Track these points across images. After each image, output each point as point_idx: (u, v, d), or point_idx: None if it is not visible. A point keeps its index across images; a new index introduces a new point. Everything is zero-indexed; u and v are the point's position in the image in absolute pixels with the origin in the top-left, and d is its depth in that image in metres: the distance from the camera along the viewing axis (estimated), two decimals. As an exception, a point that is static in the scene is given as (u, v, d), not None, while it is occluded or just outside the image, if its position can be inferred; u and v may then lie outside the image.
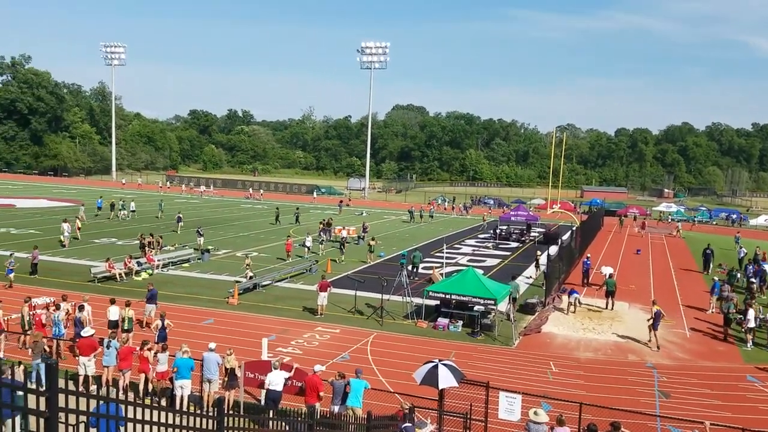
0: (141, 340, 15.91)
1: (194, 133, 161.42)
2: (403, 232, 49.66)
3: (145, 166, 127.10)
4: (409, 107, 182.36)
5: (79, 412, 3.70)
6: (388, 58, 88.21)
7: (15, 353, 17.07)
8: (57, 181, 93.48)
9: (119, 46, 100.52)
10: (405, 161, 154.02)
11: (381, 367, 18.00)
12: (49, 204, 57.62)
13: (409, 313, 23.53)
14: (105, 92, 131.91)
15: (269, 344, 17.72)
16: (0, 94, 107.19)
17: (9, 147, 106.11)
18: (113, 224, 45.74)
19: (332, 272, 31.06)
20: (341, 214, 60.13)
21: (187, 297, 25.09)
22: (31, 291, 22.81)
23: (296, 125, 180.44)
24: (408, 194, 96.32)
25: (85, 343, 15.07)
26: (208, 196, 78.89)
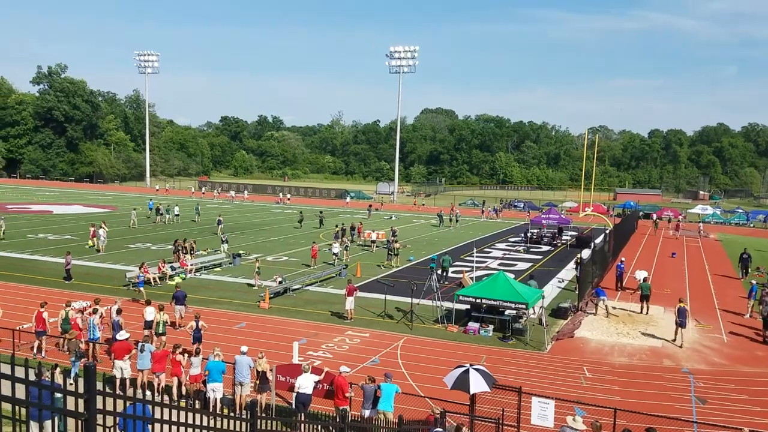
0: (173, 343, 16.15)
1: (225, 139, 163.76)
2: (432, 236, 49.52)
3: (177, 173, 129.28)
4: (438, 111, 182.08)
5: (115, 414, 3.76)
6: (416, 61, 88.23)
7: (53, 356, 17.47)
8: (92, 187, 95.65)
9: (152, 55, 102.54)
10: (434, 165, 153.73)
11: (411, 371, 17.94)
12: (84, 210, 58.98)
13: (439, 318, 23.43)
14: (139, 100, 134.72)
15: (300, 348, 17.82)
16: (37, 102, 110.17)
17: (46, 154, 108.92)
18: (157, 227, 46.61)
19: (361, 276, 31.13)
20: (370, 218, 60.24)
21: (219, 301, 25.40)
22: (67, 295, 23.32)
23: (325, 130, 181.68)
24: (437, 198, 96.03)
25: (120, 347, 15.36)
26: (240, 201, 79.83)
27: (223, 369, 14.59)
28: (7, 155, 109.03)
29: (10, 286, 25.99)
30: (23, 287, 26.16)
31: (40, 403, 3.18)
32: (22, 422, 3.47)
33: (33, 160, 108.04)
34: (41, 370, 4.89)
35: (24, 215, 52.25)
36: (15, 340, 17.75)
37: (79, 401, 3.40)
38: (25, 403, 3.22)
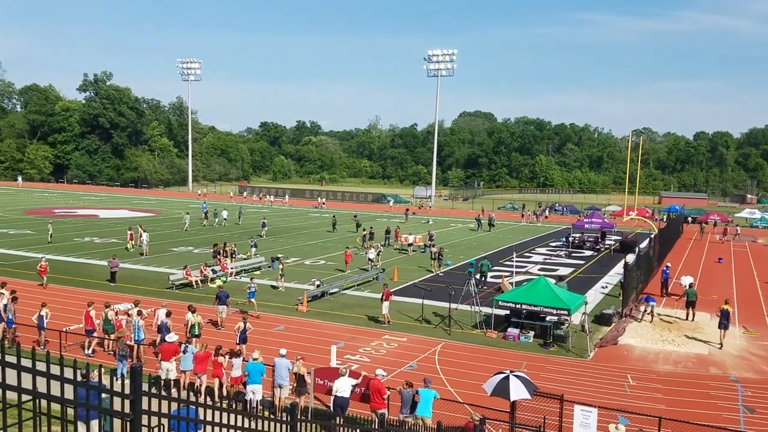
0: (216, 344, 16.39)
1: (265, 144, 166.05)
2: (470, 240, 49.16)
3: (218, 177, 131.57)
4: (476, 114, 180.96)
5: (161, 415, 3.81)
6: (455, 65, 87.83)
7: (99, 356, 17.92)
8: (137, 192, 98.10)
9: (195, 62, 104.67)
10: (472, 168, 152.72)
11: (449, 377, 17.80)
12: (129, 214, 60.47)
13: (477, 323, 23.21)
14: (182, 107, 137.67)
15: (338, 351, 17.88)
16: (84, 109, 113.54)
17: (92, 160, 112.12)
18: (207, 230, 47.49)
19: (398, 280, 31.07)
20: (407, 222, 60.17)
21: (258, 304, 25.65)
22: (112, 297, 23.90)
23: (363, 134, 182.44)
24: (475, 202, 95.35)
25: (168, 348, 15.67)
26: (278, 205, 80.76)
27: (263, 371, 14.73)
28: (55, 161, 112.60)
29: (58, 289, 26.80)
30: (71, 290, 26.94)
31: (88, 404, 3.24)
32: (69, 422, 3.53)
33: (80, 166, 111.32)
34: (88, 371, 5.01)
35: (71, 219, 53.89)
36: (62, 341, 18.29)
37: (125, 401, 3.45)
38: (73, 403, 3.28)
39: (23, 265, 32.04)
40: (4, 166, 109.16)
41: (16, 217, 53.41)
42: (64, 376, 3.17)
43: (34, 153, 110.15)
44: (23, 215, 55.49)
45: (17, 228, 46.10)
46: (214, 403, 12.53)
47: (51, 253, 35.65)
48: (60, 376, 3.15)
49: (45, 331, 18.54)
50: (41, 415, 3.40)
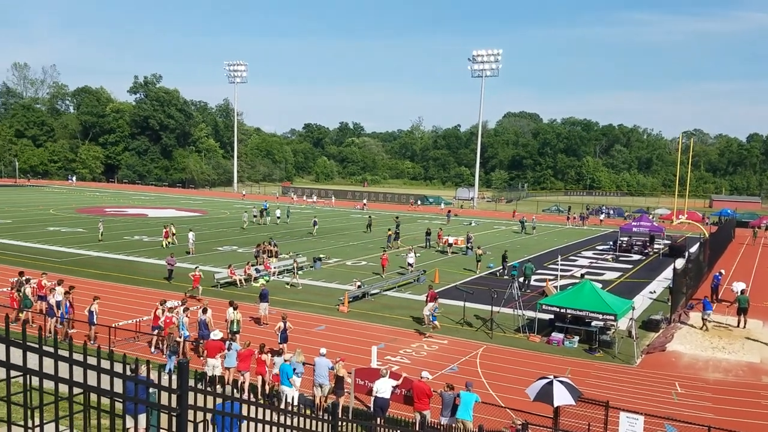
0: (259, 342, 16.61)
1: (308, 145, 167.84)
2: (514, 243, 48.58)
3: (262, 178, 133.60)
4: (521, 114, 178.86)
5: (206, 410, 3.85)
6: (500, 65, 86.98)
7: (146, 352, 18.38)
8: (184, 192, 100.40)
9: (241, 65, 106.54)
10: (516, 170, 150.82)
11: (491, 380, 17.60)
12: (176, 214, 61.90)
13: (520, 327, 22.89)
14: (228, 109, 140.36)
15: (378, 352, 17.89)
16: (134, 111, 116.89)
17: (142, 160, 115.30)
18: (253, 230, 48.37)
19: (439, 282, 30.92)
20: (449, 223, 59.85)
21: (300, 303, 25.93)
22: (160, 295, 24.47)
23: (405, 136, 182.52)
24: (519, 204, 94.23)
25: (213, 345, 15.97)
26: (321, 206, 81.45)
27: (290, 372, 14.80)
28: (106, 161, 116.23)
29: (108, 285, 27.61)
30: (120, 287, 27.73)
31: (136, 398, 3.30)
32: (117, 416, 3.60)
33: (129, 166, 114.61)
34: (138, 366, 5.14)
35: (121, 218, 55.50)
36: (111, 336, 18.84)
37: (172, 397, 3.51)
38: (122, 397, 3.35)
39: (75, 262, 33.14)
40: (58, 165, 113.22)
41: (69, 216, 55.32)
42: (115, 371, 3.24)
43: (86, 153, 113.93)
44: (75, 213, 57.44)
45: (69, 226, 47.74)
46: (257, 400, 12.67)
47: (101, 251, 36.78)
48: (110, 371, 3.22)
49: (95, 326, 19.12)
50: (91, 408, 3.48)
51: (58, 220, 51.67)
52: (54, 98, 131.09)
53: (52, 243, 38.87)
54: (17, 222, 48.66)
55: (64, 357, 3.09)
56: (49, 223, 49.18)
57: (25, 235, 41.46)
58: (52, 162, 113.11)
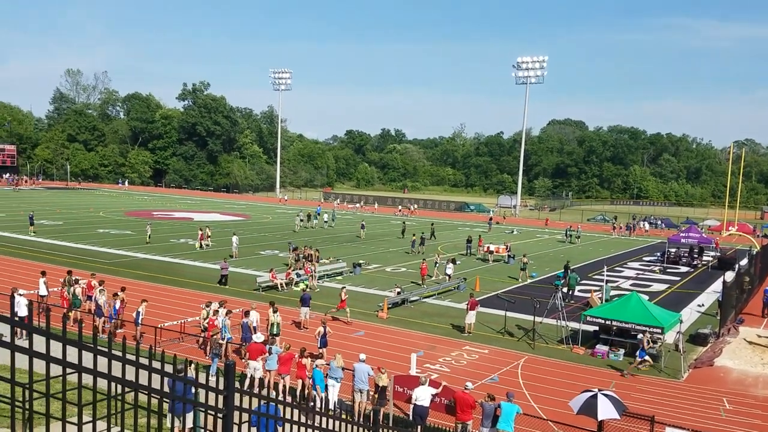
0: (299, 347, 16.72)
1: (349, 152, 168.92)
2: (557, 252, 47.78)
3: (304, 184, 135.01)
4: (566, 122, 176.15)
5: (250, 412, 3.88)
6: (545, 72, 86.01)
7: (190, 353, 18.70)
8: (228, 197, 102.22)
9: (286, 72, 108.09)
10: (560, 178, 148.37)
11: (533, 392, 17.30)
12: (221, 218, 63.08)
13: (564, 338, 22.46)
14: (272, 115, 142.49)
15: (417, 360, 17.79)
16: (183, 117, 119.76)
17: (188, 166, 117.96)
18: (302, 234, 48.98)
19: (480, 291, 30.61)
20: (491, 231, 59.29)
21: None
22: (205, 297, 24.90)
23: (447, 142, 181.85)
24: (563, 212, 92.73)
25: (255, 348, 16.16)
26: (362, 212, 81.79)
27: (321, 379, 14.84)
28: (154, 165, 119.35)
29: (154, 287, 28.25)
30: (166, 288, 28.35)
31: (185, 398, 3.34)
32: (163, 415, 3.65)
33: (177, 171, 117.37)
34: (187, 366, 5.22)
35: (168, 221, 56.80)
36: (157, 336, 19.25)
37: (217, 397, 3.54)
38: (172, 396, 3.39)
39: (122, 263, 34.05)
40: (108, 170, 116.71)
41: (118, 218, 56.94)
42: (163, 370, 3.29)
43: (135, 158, 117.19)
44: (124, 216, 59.08)
45: (119, 228, 49.12)
46: (296, 403, 12.76)
47: (149, 253, 37.70)
48: (161, 370, 3.26)
49: (140, 326, 19.57)
50: (139, 407, 3.53)
51: (108, 222, 53.23)
52: (105, 104, 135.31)
53: (101, 245, 40.04)
54: (69, 224, 50.33)
55: (117, 356, 3.15)
56: (99, 225, 50.71)
57: (76, 237, 42.83)
58: (103, 166, 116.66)
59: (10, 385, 3.06)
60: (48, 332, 3.04)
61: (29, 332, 3.03)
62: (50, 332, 3.05)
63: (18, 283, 25.82)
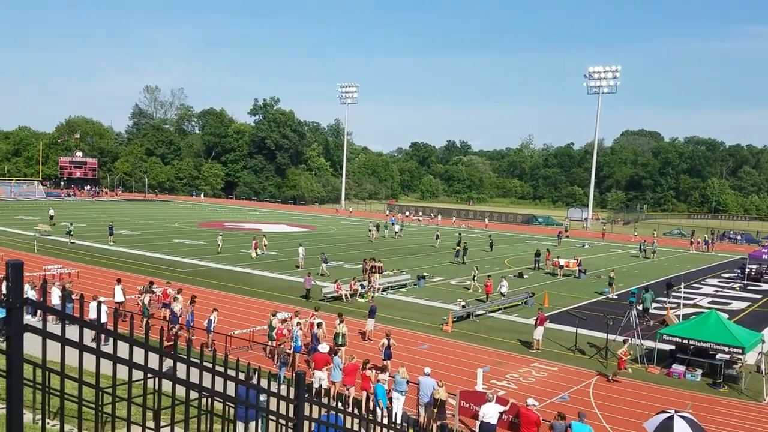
0: (363, 358, 16.75)
1: (414, 164, 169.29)
2: (631, 267, 46.09)
3: (368, 196, 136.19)
4: (640, 133, 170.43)
5: (319, 422, 3.89)
6: (618, 82, 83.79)
7: (259, 361, 19.08)
8: (295, 209, 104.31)
9: (353, 86, 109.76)
10: (634, 190, 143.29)
11: (605, 412, 16.66)
12: (288, 229, 64.37)
13: (638, 357, 21.57)
14: (339, 128, 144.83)
15: (483, 375, 17.49)
16: (253, 131, 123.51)
17: (258, 178, 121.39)
18: (366, 246, 49.51)
19: (549, 306, 29.85)
20: (560, 245, 57.86)
21: (403, 321, 25.96)
22: (272, 307, 25.39)
23: (514, 154, 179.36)
24: (637, 226, 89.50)
25: (320, 358, 16.32)
26: (426, 224, 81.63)
27: (383, 394, 14.75)
28: (226, 178, 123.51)
29: (224, 295, 29.06)
30: (235, 297, 29.10)
31: (257, 405, 3.38)
32: (230, 421, 3.69)
33: (247, 183, 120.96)
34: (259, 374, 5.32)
35: (238, 232, 58.44)
36: (227, 344, 19.75)
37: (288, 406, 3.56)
38: (242, 403, 3.44)
39: (195, 272, 35.22)
40: (183, 182, 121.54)
41: (192, 229, 59.05)
42: (237, 377, 3.34)
43: (208, 171, 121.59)
44: (197, 227, 61.21)
45: (192, 239, 50.90)
46: (360, 414, 12.79)
47: (220, 262, 38.85)
48: (235, 377, 3.32)
49: (212, 333, 20.13)
50: (208, 413, 3.60)
51: (182, 233, 55.28)
52: (181, 119, 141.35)
53: (175, 254, 41.60)
54: (146, 234, 52.58)
55: (195, 362, 3.22)
56: (174, 235, 52.74)
57: (152, 246, 44.68)
58: (178, 179, 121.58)
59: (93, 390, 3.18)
60: (132, 339, 3.14)
61: (114, 338, 3.14)
62: (133, 339, 3.16)
63: (98, 290, 27.14)
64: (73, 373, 3.21)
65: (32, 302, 2.85)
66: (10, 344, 2.62)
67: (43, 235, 44.55)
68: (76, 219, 54.66)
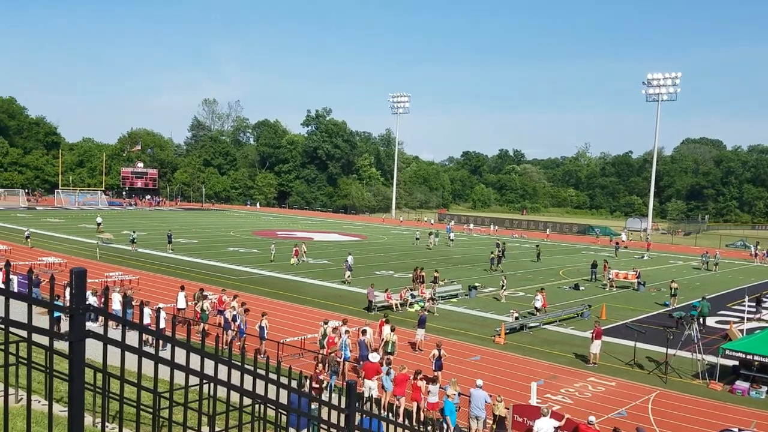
0: (414, 368, 16.66)
1: (466, 173, 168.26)
2: (692, 280, 44.42)
3: (419, 205, 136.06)
4: (701, 141, 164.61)
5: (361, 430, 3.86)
6: (678, 89, 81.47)
7: (310, 369, 19.22)
8: (346, 218, 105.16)
9: (404, 96, 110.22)
10: (695, 200, 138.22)
11: (665, 429, 16.05)
12: (338, 238, 64.89)
13: (699, 372, 20.71)
14: (390, 138, 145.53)
15: (537, 389, 17.11)
16: (305, 142, 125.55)
17: (310, 188, 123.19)
18: (412, 255, 49.56)
19: (607, 319, 29.02)
20: (618, 256, 56.28)
21: (454, 331, 25.72)
22: (323, 315, 25.58)
23: (569, 162, 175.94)
24: (699, 237, 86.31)
25: (371, 367, 16.32)
26: (477, 233, 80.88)
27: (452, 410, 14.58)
28: (279, 188, 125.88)
29: (277, 303, 29.46)
30: (287, 305, 29.48)
31: (310, 413, 3.38)
32: (282, 428, 3.70)
33: (299, 193, 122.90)
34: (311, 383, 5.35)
35: (290, 241, 59.24)
36: (279, 351, 20.00)
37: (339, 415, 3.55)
38: (294, 411, 3.45)
39: (249, 280, 35.88)
40: (238, 192, 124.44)
41: (246, 237, 60.26)
42: (289, 385, 3.36)
43: (263, 180, 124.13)
44: (252, 236, 62.43)
45: (246, 247, 51.94)
46: (411, 426, 12.71)
47: (273, 271, 39.46)
48: (288, 385, 3.34)
49: (265, 340, 20.43)
50: (261, 419, 3.63)
51: (237, 241, 56.49)
52: (237, 131, 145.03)
53: (230, 262, 42.51)
54: (203, 242, 53.97)
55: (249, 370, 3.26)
56: (229, 243, 53.95)
57: (209, 254, 45.80)
58: (234, 189, 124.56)
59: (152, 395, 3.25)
60: (188, 345, 3.20)
61: (172, 344, 3.21)
62: (190, 345, 3.22)
63: (157, 297, 27.98)
64: (132, 377, 3.30)
65: (94, 308, 2.94)
66: (73, 349, 2.70)
67: (106, 243, 46.29)
68: (137, 227, 56.61)
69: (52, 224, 63.46)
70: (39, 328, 2.80)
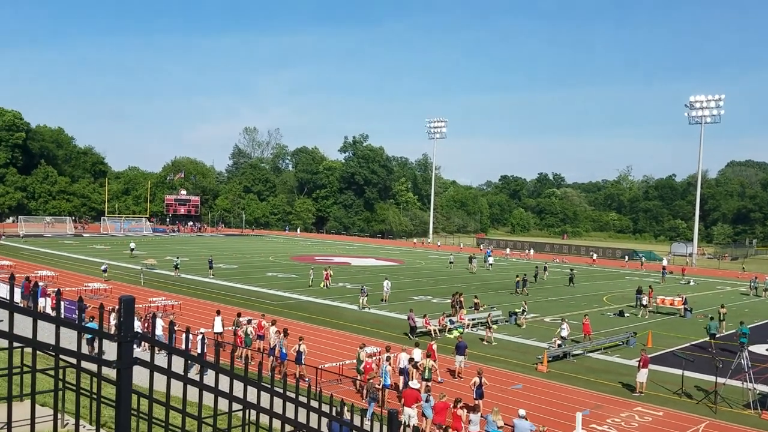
0: (454, 396, 16.41)
1: (504, 197, 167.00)
2: (741, 306, 42.86)
3: (457, 230, 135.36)
4: (747, 163, 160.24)
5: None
6: (722, 111, 79.75)
7: (349, 395, 19.12)
8: (383, 242, 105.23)
9: (441, 121, 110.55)
10: (742, 224, 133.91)
11: (718, 463, 15.36)
12: (376, 263, 64.86)
13: (751, 402, 19.84)
14: (427, 163, 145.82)
15: (583, 419, 16.64)
16: (342, 168, 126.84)
17: (347, 213, 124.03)
18: (450, 280, 49.26)
19: (653, 347, 28.14)
20: (664, 282, 54.75)
21: (495, 359, 25.29)
22: (360, 340, 25.48)
23: (611, 186, 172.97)
24: (746, 262, 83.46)
25: (410, 394, 16.15)
26: (516, 258, 79.86)
27: None
28: (317, 213, 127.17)
29: (314, 328, 29.50)
30: (325, 330, 29.50)
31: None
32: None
33: (337, 218, 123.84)
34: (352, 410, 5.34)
35: (328, 266, 59.58)
36: (318, 377, 19.96)
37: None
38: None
39: (287, 305, 36.08)
40: (277, 217, 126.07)
41: (285, 263, 60.80)
42: (330, 412, 3.34)
43: (301, 206, 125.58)
44: (290, 261, 62.96)
45: (285, 272, 52.37)
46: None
47: (310, 295, 39.64)
48: (327, 413, 3.32)
49: (302, 365, 20.43)
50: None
51: (276, 266, 57.01)
52: (276, 158, 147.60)
53: (269, 287, 42.88)
54: (242, 267, 54.66)
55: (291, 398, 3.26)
56: (268, 269, 54.49)
57: (248, 279, 46.32)
58: (273, 214, 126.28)
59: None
60: (232, 372, 3.22)
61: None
62: (233, 372, 3.24)
63: (198, 321, 28.37)
64: (175, 402, 3.33)
65: (141, 336, 2.99)
66: (120, 377, 2.74)
67: (150, 269, 47.30)
68: (179, 253, 57.71)
69: (98, 251, 65.25)
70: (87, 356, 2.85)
